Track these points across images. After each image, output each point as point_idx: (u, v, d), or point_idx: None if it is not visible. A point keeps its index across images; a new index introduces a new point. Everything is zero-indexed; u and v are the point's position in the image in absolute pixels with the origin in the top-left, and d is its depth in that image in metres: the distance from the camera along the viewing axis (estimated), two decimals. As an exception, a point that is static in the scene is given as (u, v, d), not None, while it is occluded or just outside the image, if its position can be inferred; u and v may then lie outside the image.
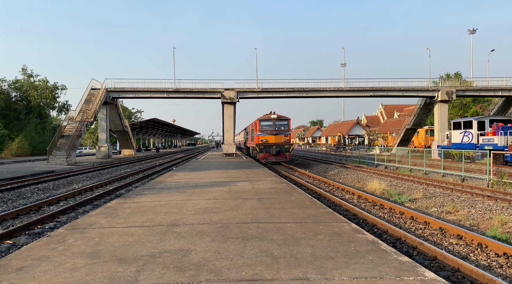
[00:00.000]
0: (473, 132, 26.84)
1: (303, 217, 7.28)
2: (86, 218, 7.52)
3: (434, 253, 6.47)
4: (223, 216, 7.48)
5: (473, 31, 47.89)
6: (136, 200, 9.66)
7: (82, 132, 34.39)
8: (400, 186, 16.28)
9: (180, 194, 10.74)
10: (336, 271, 4.32)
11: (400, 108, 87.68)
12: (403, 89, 38.61)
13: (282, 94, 39.16)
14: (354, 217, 10.29)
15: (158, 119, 60.43)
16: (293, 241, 5.60)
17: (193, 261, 4.70)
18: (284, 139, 28.33)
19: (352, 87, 38.72)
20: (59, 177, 20.14)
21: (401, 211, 10.66)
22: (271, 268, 4.45)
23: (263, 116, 29.24)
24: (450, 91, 37.96)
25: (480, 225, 9.75)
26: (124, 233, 6.15)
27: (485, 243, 7.20)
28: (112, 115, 42.57)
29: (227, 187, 12.12)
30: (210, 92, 38.11)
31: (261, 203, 8.93)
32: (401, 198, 13.44)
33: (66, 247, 5.42)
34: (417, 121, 43.00)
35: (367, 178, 19.23)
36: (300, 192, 10.92)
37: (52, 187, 16.71)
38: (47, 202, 12.23)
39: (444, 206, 11.84)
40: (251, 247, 5.28)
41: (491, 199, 12.28)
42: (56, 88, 56.63)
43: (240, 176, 16.14)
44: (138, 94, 38.57)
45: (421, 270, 4.40)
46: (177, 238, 5.80)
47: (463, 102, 54.23)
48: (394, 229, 8.18)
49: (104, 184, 17.61)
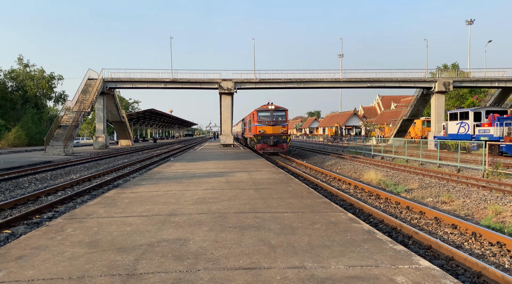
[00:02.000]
0: (469, 123, 26.95)
1: (300, 207, 7.35)
2: (84, 208, 7.56)
3: (429, 242, 6.57)
4: (221, 205, 7.53)
5: (470, 22, 47.78)
6: (134, 190, 9.70)
7: (79, 122, 34.28)
8: (396, 176, 16.39)
9: (178, 184, 10.78)
10: (332, 260, 4.38)
11: (397, 99, 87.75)
12: (400, 80, 38.60)
13: (280, 85, 39.08)
14: (351, 207, 10.38)
15: (156, 110, 60.28)
16: (290, 230, 5.67)
17: (191, 250, 4.76)
18: (281, 130, 28.36)
19: (349, 78, 38.67)
20: (57, 167, 20.13)
21: (397, 201, 10.76)
22: (268, 256, 4.51)
23: (260, 107, 29.21)
24: (447, 82, 37.98)
25: (475, 215, 9.87)
26: (123, 223, 6.20)
27: (479, 232, 7.31)
28: (109, 106, 42.40)
29: (225, 177, 12.17)
30: (208, 82, 37.98)
31: (258, 193, 8.99)
32: (397, 188, 13.55)
33: (64, 236, 5.46)
34: (414, 112, 43.09)
35: (364, 169, 19.33)
36: (297, 182, 10.99)
37: (50, 177, 16.72)
38: (45, 192, 12.26)
39: (440, 196, 11.96)
40: (248, 236, 5.34)
41: (486, 189, 12.40)
42: (52, 78, 56.28)
43: (238, 166, 16.19)
44: (135, 84, 38.39)
45: (416, 258, 4.47)
46: (175, 228, 5.85)
47: (460, 93, 54.29)
48: (390, 218, 8.27)
49: (101, 174, 17.63)
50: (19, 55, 63.50)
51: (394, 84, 39.11)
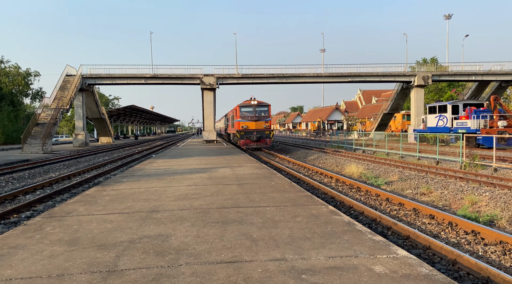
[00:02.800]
0: (447, 116, 27.55)
1: (282, 201, 7.41)
2: (64, 206, 7.44)
3: (408, 232, 6.73)
4: (203, 201, 7.53)
5: (448, 16, 48.73)
6: (115, 187, 9.59)
7: (58, 120, 33.55)
8: (377, 169, 16.67)
9: (160, 181, 10.71)
10: (313, 251, 4.46)
11: (378, 93, 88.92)
12: (381, 75, 39.14)
13: (262, 80, 39.09)
14: (332, 199, 10.53)
15: (136, 106, 59.51)
16: (272, 223, 5.72)
17: (173, 246, 4.76)
18: (264, 126, 28.42)
19: (331, 73, 38.98)
20: (35, 166, 19.69)
21: (377, 193, 10.96)
22: (250, 250, 4.55)
23: (243, 103, 29.17)
24: (426, 76, 38.71)
25: (452, 205, 10.14)
26: (103, 220, 6.14)
27: (455, 222, 7.53)
28: (88, 103, 41.62)
29: (208, 173, 12.15)
30: (189, 78, 37.68)
31: (241, 188, 9.02)
32: (378, 181, 13.79)
33: (43, 235, 5.38)
34: (394, 106, 43.81)
35: (345, 162, 19.59)
36: (280, 177, 11.07)
37: (28, 175, 16.35)
38: (23, 191, 11.99)
39: (419, 188, 12.24)
40: (230, 231, 5.37)
41: (463, 180, 12.75)
42: (29, 74, 54.69)
43: (221, 162, 16.18)
44: (115, 80, 37.77)
45: (394, 248, 4.58)
46: (157, 224, 5.83)
47: (439, 87, 55.39)
48: (369, 210, 8.43)
49: (82, 172, 17.34)
50: (-7, 51, 61.46)
51: (374, 78, 39.62)
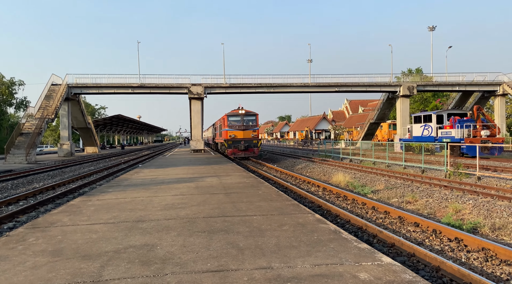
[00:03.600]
0: (432, 125, 28.03)
1: (269, 210, 7.43)
2: (48, 216, 7.32)
3: (393, 240, 6.81)
4: (190, 211, 7.50)
5: (432, 28, 49.89)
6: (101, 198, 9.48)
7: (43, 129, 33.07)
8: (363, 178, 16.82)
9: (146, 190, 10.63)
10: (299, 259, 4.48)
11: (365, 103, 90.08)
12: (367, 85, 39.72)
13: (250, 90, 39.30)
14: (319, 208, 10.58)
15: (123, 116, 59.00)
16: (258, 232, 5.73)
17: (159, 255, 4.73)
18: (252, 135, 28.48)
19: (318, 83, 39.41)
20: (18, 176, 19.33)
21: (363, 202, 11.06)
22: (236, 259, 4.55)
23: (231, 112, 29.23)
24: (411, 86, 39.43)
25: (437, 213, 10.29)
26: (88, 230, 6.06)
27: (439, 229, 7.64)
28: (74, 112, 41.16)
29: (195, 183, 12.11)
30: (177, 87, 37.63)
31: (228, 198, 9.01)
32: (364, 190, 13.92)
33: (26, 246, 5.29)
34: (380, 116, 44.43)
35: (333, 171, 19.72)
36: (267, 186, 11.09)
37: (11, 186, 16.04)
38: (5, 202, 11.75)
39: (404, 196, 12.38)
40: (217, 240, 5.36)
41: (447, 188, 12.94)
42: (13, 83, 53.94)
43: (208, 171, 16.13)
44: (101, 90, 37.49)
45: (378, 255, 4.64)
46: (143, 234, 5.78)
47: (424, 97, 56.44)
48: (356, 218, 8.50)
49: (66, 182, 17.09)
50: (-23, 59, 60.50)
51: (361, 88, 40.19)
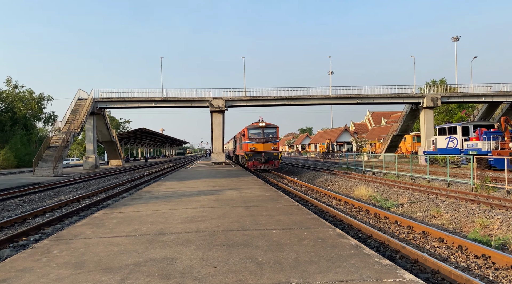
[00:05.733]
0: (457, 137, 27.34)
1: (289, 224, 7.37)
2: (72, 229, 7.50)
3: (416, 256, 6.62)
4: (210, 224, 7.53)
5: (456, 38, 49.05)
6: (123, 210, 9.64)
7: (69, 143, 34.08)
8: (386, 192, 16.49)
9: (167, 203, 10.75)
10: (318, 275, 4.41)
11: (387, 115, 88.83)
12: (389, 96, 39.21)
13: (270, 102, 39.45)
14: (340, 222, 10.41)
15: (146, 129, 60.20)
16: (277, 247, 5.69)
17: (178, 269, 4.75)
18: (272, 147, 28.48)
19: (339, 94, 39.19)
20: (45, 189, 19.91)
21: (386, 216, 10.82)
22: (255, 273, 4.52)
23: (251, 125, 29.38)
24: (435, 98, 38.67)
25: (463, 228, 9.96)
26: (110, 243, 6.16)
27: (465, 245, 7.38)
28: (99, 126, 42.30)
29: (215, 196, 12.16)
30: (199, 101, 38.20)
31: (248, 211, 9.00)
32: (387, 203, 13.63)
33: (50, 258, 5.42)
34: (404, 128, 43.65)
35: (355, 184, 19.43)
36: (287, 199, 11.02)
37: (38, 198, 16.52)
38: (33, 214, 12.11)
39: (429, 211, 12.05)
40: (236, 254, 5.35)
41: (474, 202, 12.54)
42: (42, 99, 56.10)
43: (229, 184, 16.18)
44: (126, 104, 38.44)
45: (400, 272, 4.51)
46: (163, 247, 5.83)
47: (449, 108, 55.24)
48: (378, 233, 8.32)
49: (91, 195, 17.47)
50: (8, 76, 63.40)
51: (383, 100, 39.69)
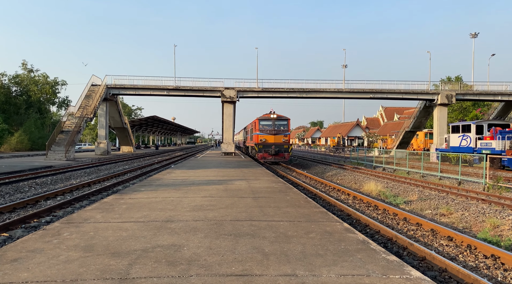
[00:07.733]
0: (471, 136, 26.92)
1: (296, 216, 7.37)
2: (82, 212, 7.61)
3: (424, 253, 6.57)
4: (218, 213, 7.57)
5: (475, 35, 47.96)
6: (133, 196, 9.75)
7: (82, 128, 34.49)
8: (396, 188, 16.37)
9: (177, 191, 10.83)
10: (324, 268, 4.41)
11: (400, 110, 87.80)
12: (403, 92, 38.71)
13: (282, 94, 39.26)
14: (348, 217, 10.38)
15: (158, 117, 60.51)
16: (284, 238, 5.69)
17: (185, 256, 4.80)
18: (283, 140, 28.41)
19: (352, 88, 38.83)
20: (57, 172, 20.23)
21: (394, 212, 10.75)
22: (261, 264, 4.54)
23: (262, 116, 29.31)
24: (450, 95, 38.06)
25: (473, 228, 9.84)
26: (119, 228, 6.24)
27: (474, 245, 7.30)
28: (111, 112, 42.67)
29: (224, 185, 12.21)
30: (210, 90, 38.21)
31: (256, 202, 9.02)
32: (396, 200, 13.53)
33: (61, 240, 5.51)
34: (417, 124, 43.10)
35: (364, 180, 19.32)
36: (296, 192, 11.01)
37: (50, 181, 16.80)
38: (44, 197, 12.32)
39: (439, 209, 11.93)
40: (243, 244, 5.37)
41: (485, 202, 12.38)
42: (56, 83, 56.69)
43: (238, 174, 16.23)
44: (138, 91, 38.66)
45: (407, 269, 4.49)
46: (171, 234, 5.89)
47: (463, 106, 54.33)
48: (386, 229, 8.27)
49: (101, 180, 17.70)
50: (23, 60, 64.22)
51: (396, 95, 39.22)
